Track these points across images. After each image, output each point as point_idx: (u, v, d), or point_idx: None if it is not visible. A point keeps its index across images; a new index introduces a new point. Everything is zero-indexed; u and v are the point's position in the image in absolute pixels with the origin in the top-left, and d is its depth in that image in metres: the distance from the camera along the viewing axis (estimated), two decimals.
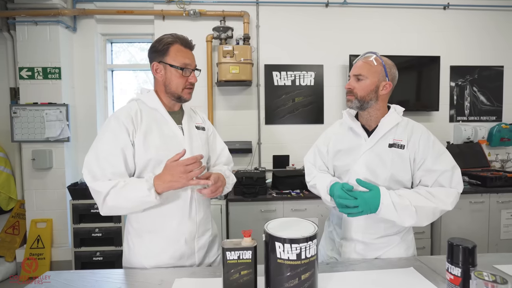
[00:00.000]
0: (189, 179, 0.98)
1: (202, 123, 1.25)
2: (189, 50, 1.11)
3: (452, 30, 2.99)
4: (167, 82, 1.09)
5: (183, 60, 1.07)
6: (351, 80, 1.13)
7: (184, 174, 0.96)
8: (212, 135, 1.29)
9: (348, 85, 1.13)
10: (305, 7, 2.88)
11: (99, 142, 1.03)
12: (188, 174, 0.97)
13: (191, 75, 1.10)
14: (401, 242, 1.14)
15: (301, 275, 0.77)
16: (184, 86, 1.10)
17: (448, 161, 1.07)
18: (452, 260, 0.73)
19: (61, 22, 2.63)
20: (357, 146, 1.15)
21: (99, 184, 0.98)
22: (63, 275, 0.99)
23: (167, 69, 1.08)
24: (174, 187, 0.99)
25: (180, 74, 1.08)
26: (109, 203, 0.98)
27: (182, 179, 0.97)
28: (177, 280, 0.94)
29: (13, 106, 2.63)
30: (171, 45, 1.07)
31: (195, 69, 1.12)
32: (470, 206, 2.45)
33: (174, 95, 1.11)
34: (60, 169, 2.71)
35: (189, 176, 0.97)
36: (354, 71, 1.13)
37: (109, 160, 1.00)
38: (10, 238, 2.81)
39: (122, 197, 0.97)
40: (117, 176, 1.00)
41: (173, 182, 0.98)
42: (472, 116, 3.07)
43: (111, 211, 1.01)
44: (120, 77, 3.15)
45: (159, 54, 1.08)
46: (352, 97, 1.13)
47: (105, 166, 0.99)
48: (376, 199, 0.99)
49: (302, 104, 2.93)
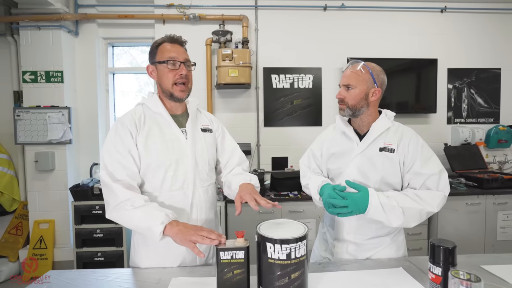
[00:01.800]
0: (193, 238, 0.91)
1: (209, 125, 1.25)
2: (176, 45, 1.11)
3: (449, 33, 3.02)
4: (160, 80, 1.12)
5: (168, 54, 1.09)
6: (341, 90, 1.17)
7: (195, 231, 0.92)
8: (220, 136, 1.29)
9: (339, 94, 1.17)
10: (303, 11, 2.92)
11: (109, 147, 1.06)
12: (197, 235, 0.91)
13: (180, 68, 1.09)
14: (392, 243, 1.18)
15: (291, 274, 0.80)
16: (174, 81, 1.09)
17: (436, 165, 1.11)
18: (433, 260, 0.76)
19: (63, 26, 2.69)
20: (349, 149, 1.19)
21: (119, 188, 1.00)
22: (65, 274, 1.03)
23: (158, 67, 1.11)
24: (178, 236, 0.93)
25: (168, 68, 1.08)
26: (120, 212, 0.99)
27: (190, 234, 0.91)
28: (174, 279, 0.98)
29: (17, 109, 2.69)
30: (160, 45, 1.11)
31: (185, 62, 1.10)
32: (466, 207, 2.47)
33: (166, 93, 1.12)
34: (62, 171, 2.76)
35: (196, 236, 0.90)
36: (343, 81, 1.16)
37: (121, 162, 1.04)
38: (13, 239, 2.85)
39: (135, 214, 0.98)
40: (132, 176, 1.04)
41: (181, 232, 0.93)
42: (469, 118, 3.09)
43: (118, 220, 1.01)
44: (122, 80, 3.20)
45: (151, 56, 1.13)
46: (344, 106, 1.17)
47: (120, 168, 1.03)
48: (365, 200, 1.02)
49: (300, 107, 2.96)
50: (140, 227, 0.99)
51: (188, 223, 1.00)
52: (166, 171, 1.09)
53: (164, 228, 0.94)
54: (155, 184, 1.09)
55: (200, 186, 1.15)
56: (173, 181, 1.10)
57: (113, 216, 1.02)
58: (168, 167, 1.09)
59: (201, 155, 1.16)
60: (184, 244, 0.92)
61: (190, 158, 1.12)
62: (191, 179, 1.12)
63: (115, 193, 0.99)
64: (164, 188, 1.09)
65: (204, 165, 1.17)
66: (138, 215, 0.97)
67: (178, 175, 1.10)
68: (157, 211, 0.97)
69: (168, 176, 1.09)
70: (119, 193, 0.99)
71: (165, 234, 0.95)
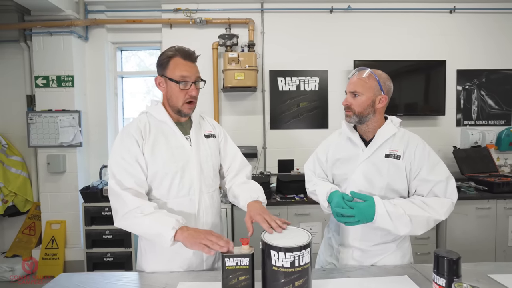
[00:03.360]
0: (203, 241, 0.92)
1: (212, 131, 1.26)
2: (189, 62, 1.10)
3: (458, 33, 2.97)
4: (169, 95, 1.12)
5: (180, 72, 1.07)
6: (348, 97, 1.17)
7: (205, 235, 0.93)
8: (223, 141, 1.30)
9: (346, 101, 1.17)
10: (310, 13, 2.92)
11: (116, 156, 1.07)
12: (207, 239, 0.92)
13: (190, 88, 1.09)
14: (397, 249, 1.17)
15: (294, 282, 0.81)
16: (184, 100, 1.10)
17: (443, 171, 1.10)
18: (438, 271, 0.76)
19: (74, 32, 2.75)
20: (355, 155, 1.19)
21: (128, 196, 1.01)
22: (75, 277, 1.06)
23: (168, 82, 1.10)
24: (188, 240, 0.94)
25: (178, 88, 1.08)
26: (129, 220, 1.00)
27: (200, 238, 0.93)
28: (181, 283, 1.00)
29: (30, 113, 2.77)
30: (171, 59, 1.08)
31: (196, 81, 1.11)
32: (476, 212, 2.43)
33: (174, 108, 1.13)
34: (73, 173, 2.82)
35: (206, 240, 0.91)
36: (350, 88, 1.16)
37: (129, 171, 1.05)
38: (26, 239, 2.94)
39: (145, 221, 0.98)
40: (140, 184, 1.05)
41: (191, 237, 0.94)
42: (479, 120, 3.03)
43: (127, 227, 1.03)
44: (130, 82, 3.26)
45: (161, 68, 1.11)
46: (350, 112, 1.17)
47: (127, 177, 1.04)
48: (371, 209, 1.02)
49: (306, 109, 2.96)
50: (150, 233, 1.00)
51: (197, 228, 1.02)
52: (173, 178, 1.10)
53: (175, 234, 0.95)
54: (162, 191, 1.11)
55: (206, 192, 1.17)
56: (179, 188, 1.11)
57: (122, 224, 1.03)
58: (174, 174, 1.10)
59: (206, 161, 1.18)
60: (194, 247, 0.93)
61: (196, 164, 1.13)
62: (197, 185, 1.14)
63: (124, 201, 1.01)
64: (171, 195, 1.11)
65: (209, 171, 1.19)
66: (148, 222, 0.98)
67: (184, 182, 1.12)
68: (168, 217, 0.99)
69: (174, 183, 1.10)
70: (128, 201, 1.00)
71: (176, 239, 0.96)
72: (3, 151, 2.82)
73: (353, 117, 1.16)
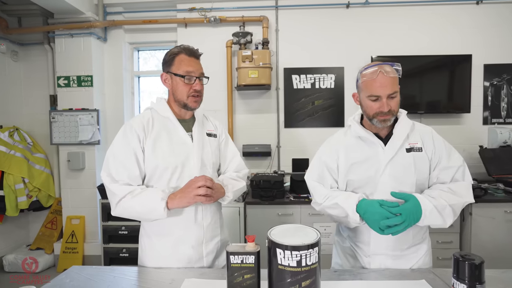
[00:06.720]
0: (195, 195, 1.04)
1: (213, 130, 1.29)
2: (193, 59, 1.15)
3: (485, 26, 2.79)
4: (174, 90, 1.16)
5: (185, 68, 1.12)
6: (386, 101, 1.03)
7: (192, 189, 1.04)
8: (223, 142, 1.31)
9: (385, 106, 1.03)
10: (325, 9, 2.85)
11: (115, 148, 1.11)
12: (196, 189, 1.03)
13: (195, 83, 1.14)
14: (428, 250, 1.14)
15: (301, 282, 0.77)
16: (188, 94, 1.13)
17: (458, 156, 1.11)
18: (458, 276, 0.70)
19: (93, 33, 2.84)
20: (374, 156, 1.10)
21: (117, 187, 1.06)
22: (86, 270, 1.08)
23: (173, 78, 1.15)
24: (183, 202, 1.05)
25: (183, 82, 1.13)
26: (122, 205, 1.05)
27: (190, 193, 1.04)
28: (187, 280, 0.99)
29: (52, 112, 2.89)
30: (177, 56, 1.14)
31: (200, 77, 1.15)
32: (505, 215, 2.26)
33: (180, 103, 1.16)
34: (92, 170, 2.92)
35: (196, 192, 1.03)
36: (387, 91, 1.02)
37: (124, 164, 1.08)
38: (49, 232, 3.07)
39: (135, 201, 1.04)
40: (132, 179, 1.08)
41: (182, 197, 1.05)
42: (509, 118, 2.84)
43: (123, 213, 1.08)
44: (149, 82, 3.33)
45: (166, 64, 1.16)
46: (389, 116, 1.05)
47: (121, 169, 1.08)
48: (418, 208, 0.97)
49: (322, 107, 2.89)
50: (144, 212, 1.05)
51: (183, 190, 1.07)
52: (173, 173, 1.12)
53: (166, 204, 1.03)
54: (161, 185, 1.12)
55: None
56: (178, 183, 1.12)
57: (117, 211, 1.08)
58: (174, 169, 1.12)
59: (207, 157, 1.19)
60: (191, 202, 1.05)
61: (196, 160, 1.14)
62: None
63: (113, 193, 1.06)
64: (170, 189, 1.11)
65: (209, 168, 1.20)
66: (138, 203, 1.04)
67: (184, 177, 1.12)
68: (153, 193, 1.05)
69: (174, 178, 1.12)
70: (117, 191, 1.05)
71: (170, 208, 1.04)
72: (28, 149, 2.96)
73: (391, 119, 1.06)
